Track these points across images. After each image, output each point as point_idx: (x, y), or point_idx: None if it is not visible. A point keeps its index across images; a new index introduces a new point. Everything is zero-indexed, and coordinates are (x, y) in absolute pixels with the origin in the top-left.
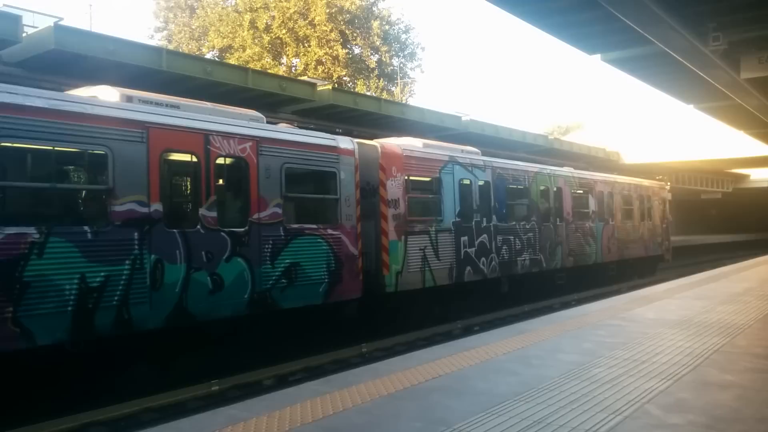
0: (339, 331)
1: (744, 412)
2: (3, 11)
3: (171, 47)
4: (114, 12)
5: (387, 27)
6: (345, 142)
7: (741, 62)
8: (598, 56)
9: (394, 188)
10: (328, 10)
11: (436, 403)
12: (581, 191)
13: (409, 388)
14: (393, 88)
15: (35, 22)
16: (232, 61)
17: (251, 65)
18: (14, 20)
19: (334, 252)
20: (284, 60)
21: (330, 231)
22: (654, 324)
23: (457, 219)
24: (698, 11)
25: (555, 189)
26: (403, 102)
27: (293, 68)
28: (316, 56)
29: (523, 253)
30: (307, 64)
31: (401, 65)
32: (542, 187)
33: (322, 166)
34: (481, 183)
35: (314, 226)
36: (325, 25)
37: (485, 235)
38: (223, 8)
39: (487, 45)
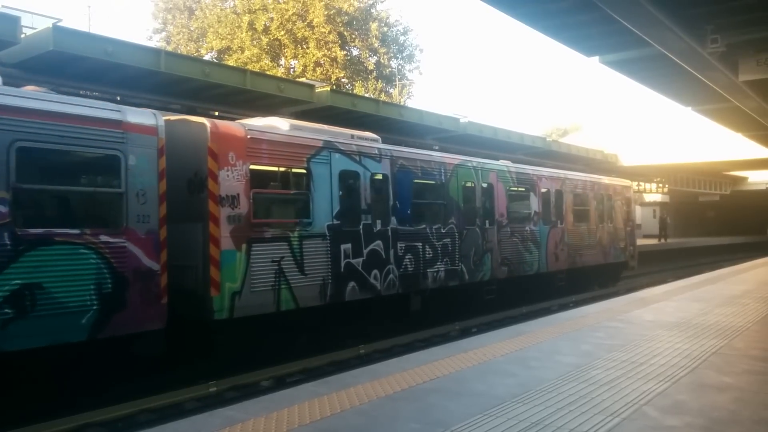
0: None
1: (741, 414)
2: (1, 12)
3: (170, 48)
4: (112, 13)
5: (385, 29)
6: (139, 116)
7: (739, 64)
8: (596, 58)
9: (230, 181)
10: (326, 12)
11: (434, 404)
12: (521, 188)
13: (407, 389)
14: (391, 90)
15: (34, 24)
16: (231, 62)
17: (250, 67)
18: (13, 21)
19: (111, 267)
20: (283, 61)
21: (106, 237)
22: (652, 326)
23: (336, 222)
24: (696, 13)
25: (484, 185)
26: (402, 104)
27: (292, 70)
28: (314, 58)
29: (436, 263)
30: (305, 66)
31: (399, 67)
32: (466, 183)
33: (94, 146)
34: (374, 177)
35: (75, 231)
36: (323, 26)
37: (379, 242)
38: (221, 10)
39: (486, 47)
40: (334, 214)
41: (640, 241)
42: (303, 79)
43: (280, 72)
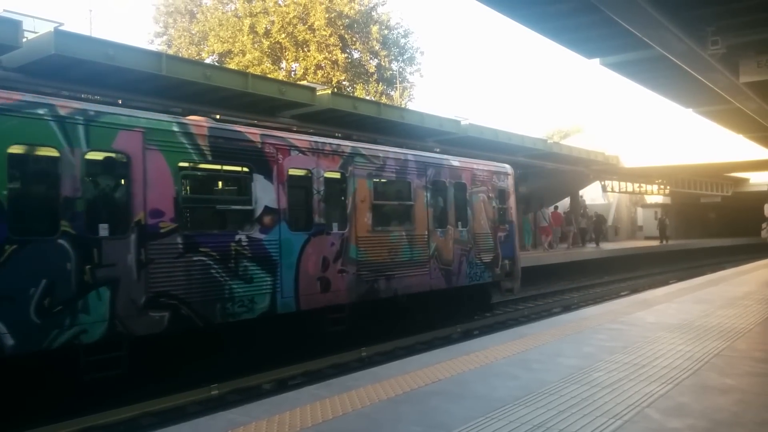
0: None
1: (744, 416)
2: (3, 16)
3: (171, 52)
4: (114, 17)
5: (386, 31)
6: None
7: (740, 66)
8: (597, 60)
9: None
10: (327, 15)
11: (436, 407)
12: (226, 167)
13: (409, 392)
14: (392, 93)
15: (36, 28)
16: (232, 65)
17: (251, 70)
18: (15, 25)
19: None
20: (284, 64)
21: None
22: (654, 328)
23: None
24: (697, 15)
25: (98, 158)
26: (403, 106)
27: (293, 73)
28: (315, 61)
29: None
30: (306, 69)
31: (400, 69)
32: (22, 150)
33: None
34: None
35: None
36: (324, 29)
37: None
38: (222, 13)
39: (487, 49)
40: None
41: (641, 243)
42: (304, 82)
43: (281, 75)
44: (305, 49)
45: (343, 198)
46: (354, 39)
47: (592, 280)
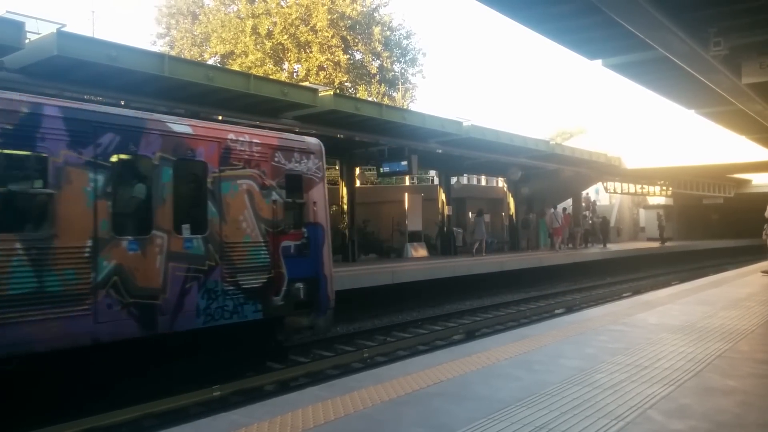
0: None
1: (746, 418)
2: (6, 18)
3: (173, 53)
4: (116, 18)
5: (388, 33)
6: None
7: (742, 67)
8: (599, 62)
9: None
10: (329, 16)
11: (438, 408)
12: None
13: (411, 393)
14: (394, 94)
15: (38, 29)
16: (235, 67)
17: (253, 71)
18: (17, 27)
19: None
20: (286, 66)
21: None
22: (656, 329)
23: None
24: (699, 16)
25: None
26: (405, 107)
27: (295, 74)
28: (317, 62)
29: None
30: (308, 70)
31: (402, 71)
32: None
33: None
34: None
35: None
36: (326, 30)
37: None
38: (225, 14)
39: (490, 50)
40: None
41: (643, 244)
42: (306, 83)
43: (283, 76)
44: (307, 51)
45: None
46: (356, 40)
47: (595, 281)
